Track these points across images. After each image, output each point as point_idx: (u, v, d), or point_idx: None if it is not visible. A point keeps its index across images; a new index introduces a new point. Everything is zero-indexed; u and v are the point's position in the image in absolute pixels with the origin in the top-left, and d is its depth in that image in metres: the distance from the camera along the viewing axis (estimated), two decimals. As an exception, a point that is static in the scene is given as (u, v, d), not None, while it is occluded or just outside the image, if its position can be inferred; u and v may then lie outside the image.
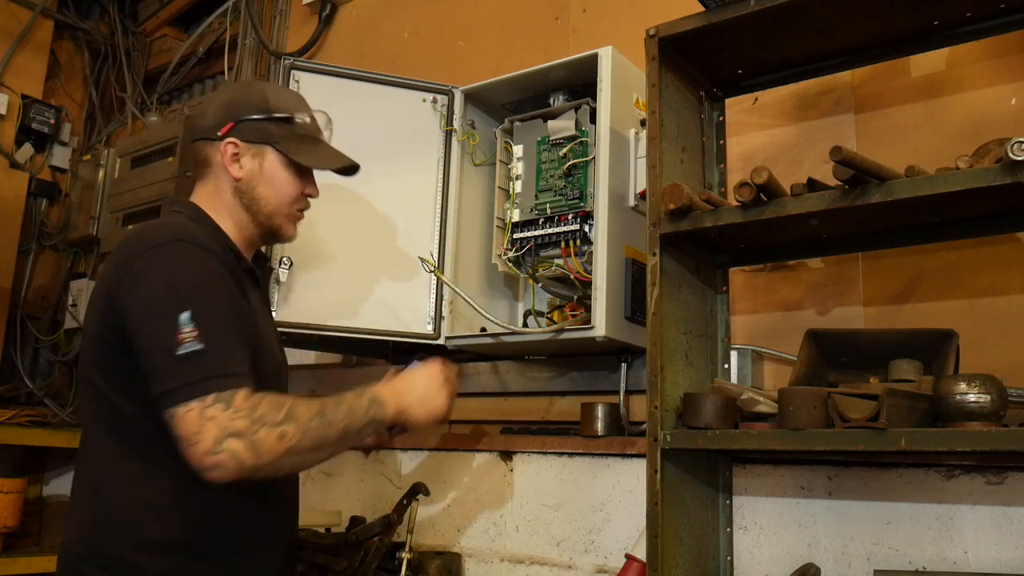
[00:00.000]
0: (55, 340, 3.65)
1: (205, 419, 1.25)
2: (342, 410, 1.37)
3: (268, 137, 1.54)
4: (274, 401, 1.31)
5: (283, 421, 1.29)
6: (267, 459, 1.28)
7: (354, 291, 2.06)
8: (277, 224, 1.56)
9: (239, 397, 1.28)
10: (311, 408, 1.34)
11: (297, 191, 1.57)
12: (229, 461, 1.25)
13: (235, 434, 1.26)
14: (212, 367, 1.29)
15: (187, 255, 1.37)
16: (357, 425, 1.39)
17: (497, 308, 2.17)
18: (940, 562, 1.56)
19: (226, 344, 1.32)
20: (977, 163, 1.32)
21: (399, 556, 1.97)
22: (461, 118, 2.15)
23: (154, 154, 3.36)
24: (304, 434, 1.31)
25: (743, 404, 1.52)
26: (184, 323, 1.29)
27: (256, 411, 1.28)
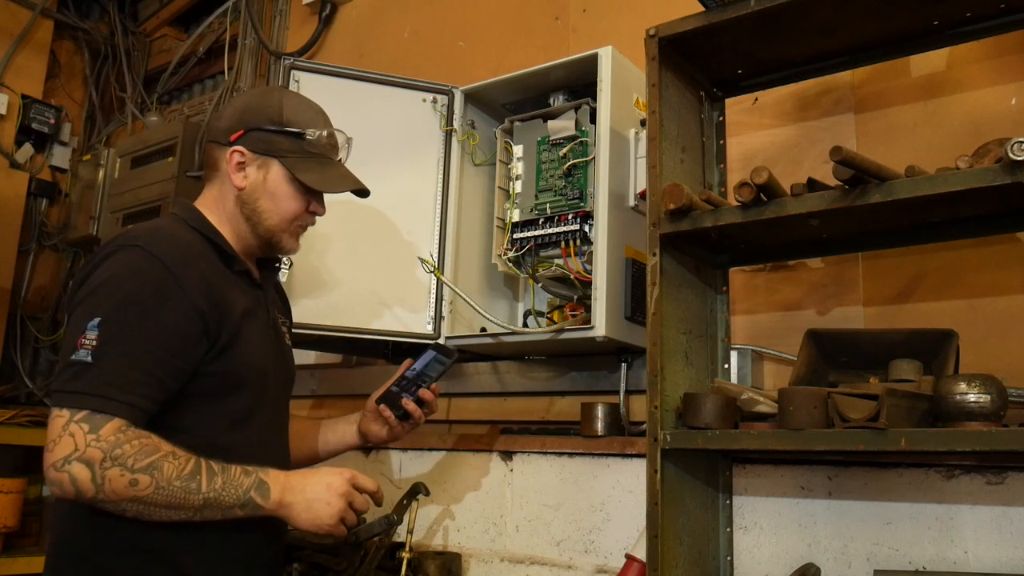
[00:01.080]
0: (55, 340, 3.65)
1: (66, 432, 1.25)
2: (217, 482, 1.31)
3: (275, 150, 1.52)
4: (145, 446, 1.27)
5: (142, 470, 1.26)
6: (109, 497, 1.26)
7: (354, 291, 2.06)
8: (277, 239, 1.55)
9: (109, 426, 1.26)
10: (181, 468, 1.29)
11: (300, 208, 1.54)
12: (67, 483, 1.25)
13: (84, 461, 1.24)
14: (90, 383, 1.27)
15: (133, 262, 1.35)
16: (228, 502, 1.32)
17: (497, 308, 2.17)
18: (940, 562, 1.56)
19: (118, 364, 1.29)
20: (977, 163, 1.32)
21: (399, 556, 1.97)
22: (461, 118, 2.15)
23: (154, 154, 3.36)
24: (158, 491, 1.27)
25: (743, 404, 1.52)
26: (90, 329, 1.29)
27: (117, 448, 1.25)
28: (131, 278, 1.34)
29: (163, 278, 1.35)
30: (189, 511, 1.30)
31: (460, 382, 2.32)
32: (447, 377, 2.32)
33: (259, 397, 1.48)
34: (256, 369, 1.47)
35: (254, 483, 1.35)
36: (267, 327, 1.56)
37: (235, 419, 1.44)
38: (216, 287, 1.42)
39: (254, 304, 1.53)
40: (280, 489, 1.37)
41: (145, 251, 1.36)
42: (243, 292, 1.50)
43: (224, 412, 1.43)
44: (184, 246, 1.42)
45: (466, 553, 2.18)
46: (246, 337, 1.45)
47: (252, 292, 1.54)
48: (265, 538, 1.50)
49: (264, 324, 1.55)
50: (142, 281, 1.34)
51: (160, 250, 1.37)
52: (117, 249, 1.38)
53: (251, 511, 1.35)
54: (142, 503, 1.27)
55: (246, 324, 1.46)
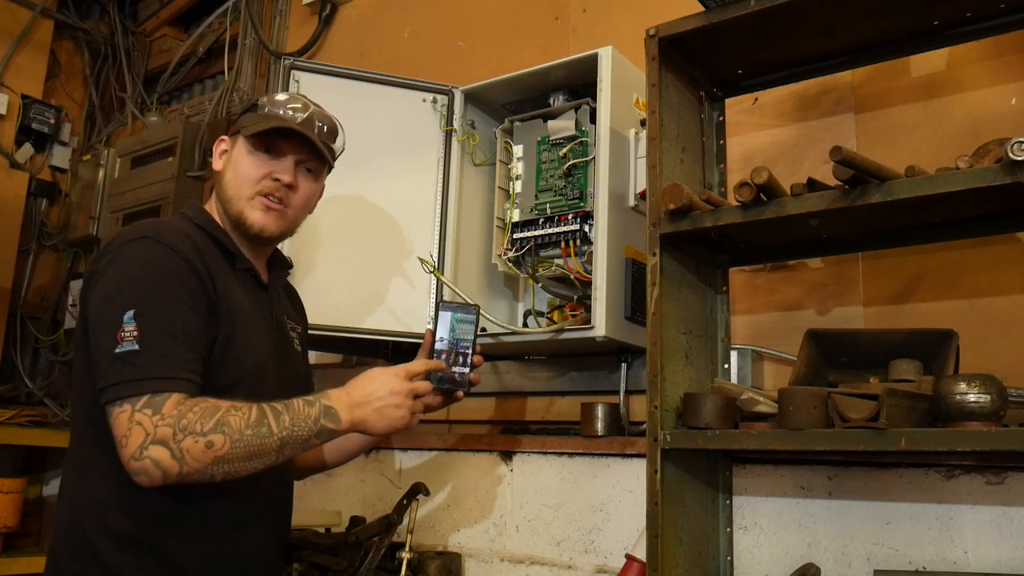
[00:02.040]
0: (55, 340, 3.65)
1: (133, 423, 1.27)
2: (285, 420, 1.33)
3: (239, 126, 1.56)
4: (206, 408, 1.29)
5: (212, 430, 1.27)
6: (194, 467, 1.27)
7: (354, 291, 2.06)
8: (237, 209, 1.51)
9: (169, 403, 1.28)
10: (247, 417, 1.31)
11: (255, 170, 1.51)
12: (152, 468, 1.26)
13: (159, 441, 1.26)
14: (145, 368, 1.29)
15: (146, 252, 1.38)
16: (302, 435, 1.35)
17: (497, 308, 2.17)
18: (940, 562, 1.56)
19: (166, 345, 1.31)
20: (977, 163, 1.32)
21: (399, 556, 1.97)
22: (461, 118, 2.15)
23: (154, 154, 3.37)
24: (235, 444, 1.28)
25: (743, 404, 1.52)
26: (127, 321, 1.30)
27: (183, 419, 1.27)
28: (150, 267, 1.37)
29: (177, 263, 1.38)
30: (271, 455, 1.32)
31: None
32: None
33: (257, 395, 1.47)
34: (251, 366, 1.46)
35: (321, 411, 1.37)
36: (269, 328, 1.55)
37: None
38: (218, 279, 1.44)
39: (255, 303, 1.53)
40: (348, 409, 1.39)
41: (155, 240, 1.39)
42: (244, 290, 1.51)
43: None
44: (187, 237, 1.45)
45: (466, 553, 2.19)
46: (242, 333, 1.45)
47: (255, 292, 1.54)
48: (266, 534, 1.51)
49: (265, 324, 1.54)
50: (160, 268, 1.37)
51: (168, 239, 1.40)
52: (126, 243, 1.40)
53: (327, 437, 1.39)
54: (224, 462, 1.28)
55: (242, 320, 1.46)
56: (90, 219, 3.50)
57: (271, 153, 1.53)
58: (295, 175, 1.54)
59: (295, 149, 1.54)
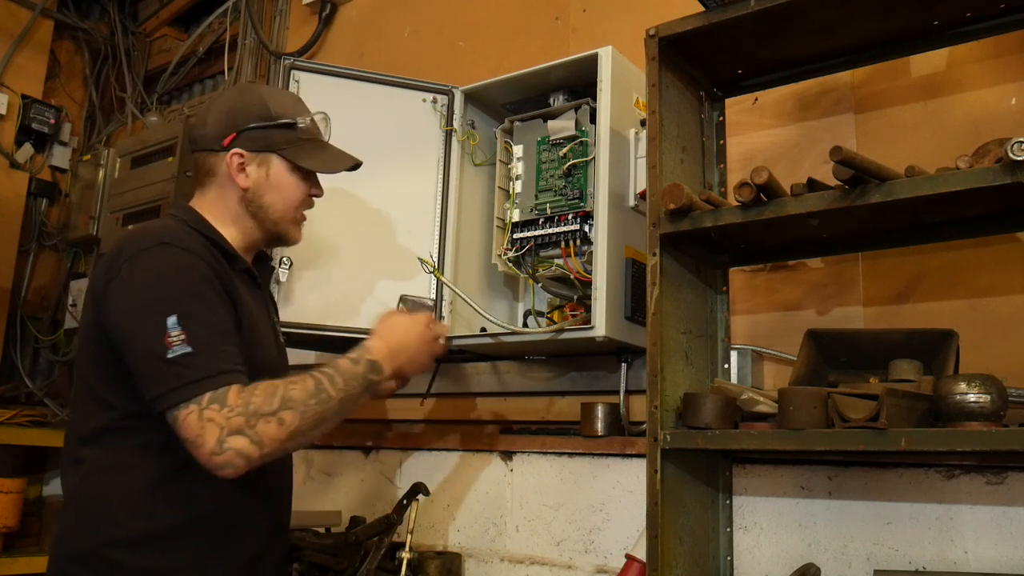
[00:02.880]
0: (55, 340, 3.65)
1: (205, 420, 1.28)
2: (339, 381, 1.40)
3: (272, 144, 1.54)
4: (267, 390, 1.33)
5: (279, 408, 1.32)
6: (272, 447, 1.31)
7: (354, 291, 2.06)
8: (283, 230, 1.58)
9: (231, 394, 1.30)
10: (306, 387, 1.36)
11: (303, 194, 1.59)
12: (236, 458, 1.28)
13: (235, 431, 1.28)
14: (203, 368, 1.30)
15: (170, 258, 1.38)
16: (356, 392, 1.42)
17: (497, 308, 2.17)
18: (940, 562, 1.56)
19: (214, 343, 1.34)
20: (977, 163, 1.32)
21: (399, 556, 1.97)
22: (461, 118, 2.15)
23: (154, 154, 3.36)
24: (304, 416, 1.34)
25: (743, 404, 1.52)
26: (172, 327, 1.31)
27: (250, 405, 1.30)
28: (178, 272, 1.38)
29: (200, 266, 1.40)
30: (332, 419, 1.39)
31: (460, 382, 2.32)
32: (446, 377, 2.33)
33: None
34: (262, 364, 1.48)
35: (367, 367, 1.45)
36: (268, 324, 1.58)
37: None
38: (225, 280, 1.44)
39: (256, 301, 1.55)
40: (389, 359, 1.49)
41: (175, 246, 1.40)
42: (247, 289, 1.52)
43: None
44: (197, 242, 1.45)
45: (466, 553, 2.19)
46: (252, 331, 1.47)
47: (253, 290, 1.56)
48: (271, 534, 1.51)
49: (265, 321, 1.57)
50: (188, 273, 1.38)
51: (185, 244, 1.41)
52: (143, 250, 1.39)
53: (375, 390, 1.48)
54: (297, 435, 1.34)
55: (250, 321, 1.48)
56: (90, 219, 3.49)
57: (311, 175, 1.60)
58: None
59: None
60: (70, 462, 1.44)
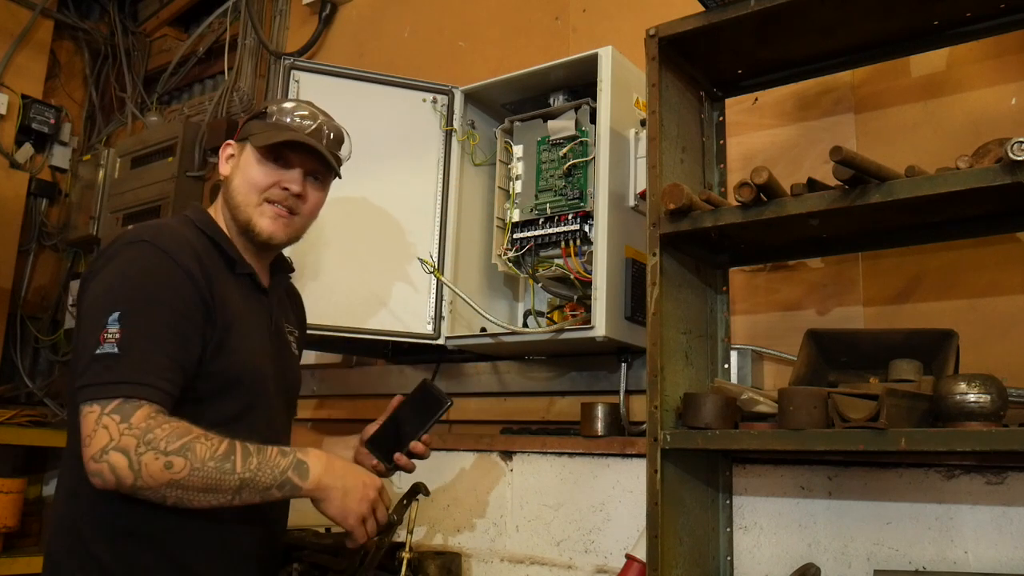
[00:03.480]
0: (55, 340, 3.65)
1: (100, 425, 1.27)
2: (252, 462, 1.31)
3: (247, 132, 1.56)
4: (176, 429, 1.28)
5: (175, 452, 1.26)
6: (148, 483, 1.26)
7: (354, 291, 2.06)
8: (246, 216, 1.53)
9: (140, 413, 1.27)
10: (214, 449, 1.29)
11: (263, 179, 1.53)
12: (108, 473, 1.26)
13: (121, 449, 1.26)
14: (120, 372, 1.29)
15: (142, 256, 1.38)
16: (264, 482, 1.32)
17: (497, 308, 2.17)
18: (940, 562, 1.56)
19: (146, 350, 1.31)
20: (977, 163, 1.32)
21: (399, 556, 1.96)
22: (461, 118, 2.15)
23: (154, 154, 3.37)
24: (193, 472, 1.27)
25: (743, 404, 1.52)
26: (111, 323, 1.31)
27: (149, 433, 1.26)
28: (141, 271, 1.37)
29: (170, 268, 1.38)
30: (227, 494, 1.30)
31: (460, 382, 2.32)
32: (446, 377, 2.32)
33: (253, 399, 1.48)
34: (249, 370, 1.47)
35: (291, 463, 1.35)
36: (267, 332, 1.56)
37: (231, 419, 1.44)
38: (215, 283, 1.44)
39: (254, 307, 1.53)
40: (321, 471, 1.37)
41: (151, 245, 1.39)
42: (242, 295, 1.51)
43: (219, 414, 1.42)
44: (187, 241, 1.45)
45: (466, 553, 2.18)
46: (239, 337, 1.45)
47: (254, 296, 1.55)
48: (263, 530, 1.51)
49: (263, 328, 1.55)
50: (152, 273, 1.37)
51: (165, 244, 1.40)
52: (124, 246, 1.41)
53: (289, 492, 1.35)
54: (179, 487, 1.27)
55: (240, 324, 1.46)
56: (90, 219, 3.50)
57: (280, 162, 1.54)
58: (304, 184, 1.56)
59: (304, 159, 1.56)
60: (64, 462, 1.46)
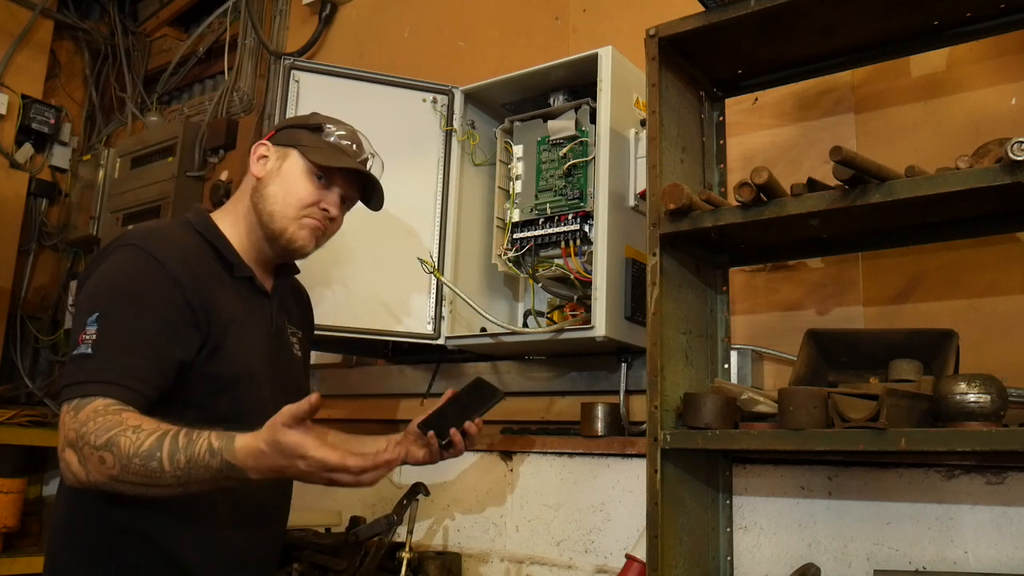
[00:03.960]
0: (55, 340, 3.65)
1: (62, 423, 1.28)
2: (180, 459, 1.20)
3: (296, 141, 1.56)
4: (106, 423, 1.23)
5: (103, 447, 1.22)
6: (96, 478, 1.23)
7: (354, 291, 2.06)
8: (281, 227, 1.51)
9: (88, 408, 1.25)
10: (139, 444, 1.21)
11: (308, 195, 1.53)
12: (65, 470, 1.27)
13: (69, 444, 1.26)
14: (91, 372, 1.29)
15: (127, 260, 1.39)
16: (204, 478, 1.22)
17: (497, 308, 2.17)
18: (940, 562, 1.56)
19: (117, 351, 1.31)
20: (977, 163, 1.32)
21: (399, 556, 1.97)
22: (461, 118, 2.15)
23: (154, 154, 3.37)
24: (124, 468, 1.21)
25: (743, 404, 1.52)
26: (89, 324, 1.32)
27: (84, 427, 1.23)
28: (126, 275, 1.38)
29: (156, 272, 1.38)
30: (172, 488, 1.22)
31: (460, 382, 2.32)
32: (446, 377, 2.32)
33: (251, 402, 1.46)
34: (244, 374, 1.46)
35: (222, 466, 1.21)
36: (265, 334, 1.54)
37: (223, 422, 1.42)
38: (207, 288, 1.43)
39: (252, 310, 1.52)
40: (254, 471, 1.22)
41: (140, 248, 1.40)
42: (239, 297, 1.50)
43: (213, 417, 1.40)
44: (178, 246, 1.44)
45: (466, 553, 2.18)
46: (235, 341, 1.44)
47: (252, 298, 1.54)
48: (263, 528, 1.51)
49: (263, 331, 1.54)
50: (136, 276, 1.38)
51: (153, 247, 1.40)
52: (114, 250, 1.42)
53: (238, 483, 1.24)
54: (120, 482, 1.22)
55: (236, 329, 1.45)
56: (90, 219, 3.50)
57: (323, 181, 1.55)
58: (340, 209, 1.59)
59: (345, 184, 1.58)
60: None
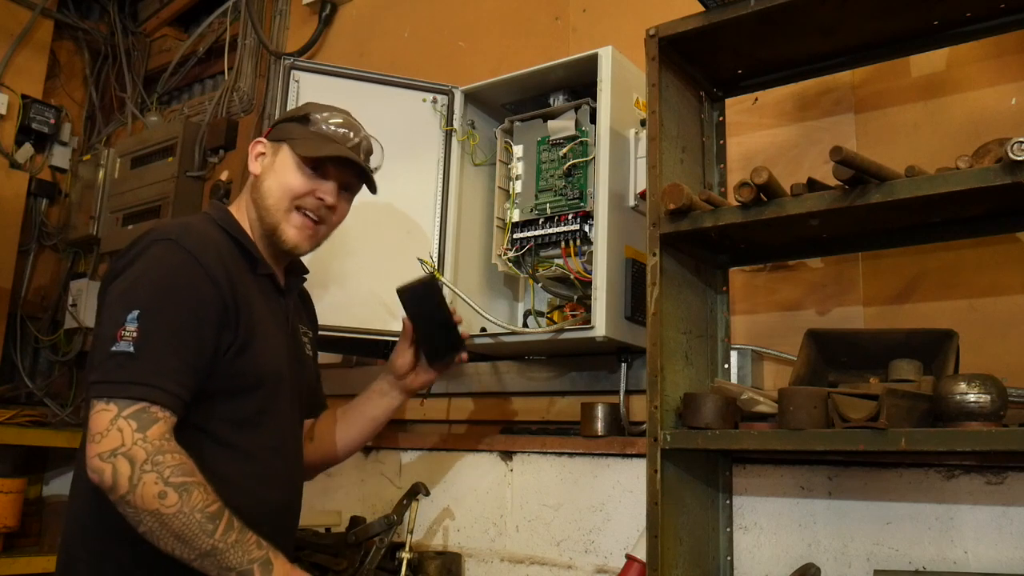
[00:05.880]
0: (55, 340, 3.65)
1: (115, 427, 1.26)
2: (231, 537, 1.27)
3: (287, 135, 1.57)
4: (184, 464, 1.27)
5: (175, 486, 1.25)
6: (137, 502, 1.25)
7: (354, 291, 2.06)
8: (275, 221, 1.54)
9: (156, 429, 1.27)
10: (208, 503, 1.27)
11: (300, 186, 1.54)
12: (108, 475, 1.25)
13: (129, 457, 1.25)
14: (134, 373, 1.28)
15: (165, 255, 1.38)
16: (231, 561, 1.28)
17: (497, 308, 2.17)
18: (940, 562, 1.56)
19: (161, 353, 1.31)
20: (977, 163, 1.32)
21: (399, 556, 1.97)
22: (461, 118, 2.15)
23: (154, 154, 3.37)
24: (180, 514, 1.25)
25: (743, 404, 1.52)
26: (129, 321, 1.31)
27: (160, 455, 1.25)
28: (165, 271, 1.37)
29: (194, 270, 1.38)
30: (194, 551, 1.27)
31: (460, 382, 2.32)
32: (447, 377, 2.33)
33: (272, 401, 1.48)
34: (270, 372, 1.47)
35: (263, 558, 1.30)
36: (286, 334, 1.56)
37: (246, 420, 1.44)
38: (239, 286, 1.44)
39: (274, 309, 1.54)
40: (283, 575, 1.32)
41: (177, 244, 1.39)
42: (264, 296, 1.51)
43: (235, 413, 1.43)
44: (212, 242, 1.45)
45: (466, 553, 2.18)
46: (262, 339, 1.45)
47: (274, 297, 1.55)
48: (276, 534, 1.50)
49: (283, 330, 1.55)
50: (175, 273, 1.37)
51: (190, 243, 1.40)
52: (151, 244, 1.40)
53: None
54: (160, 520, 1.25)
55: (262, 327, 1.46)
56: (90, 219, 3.50)
57: (318, 171, 1.55)
58: (337, 196, 1.58)
59: (340, 172, 1.58)
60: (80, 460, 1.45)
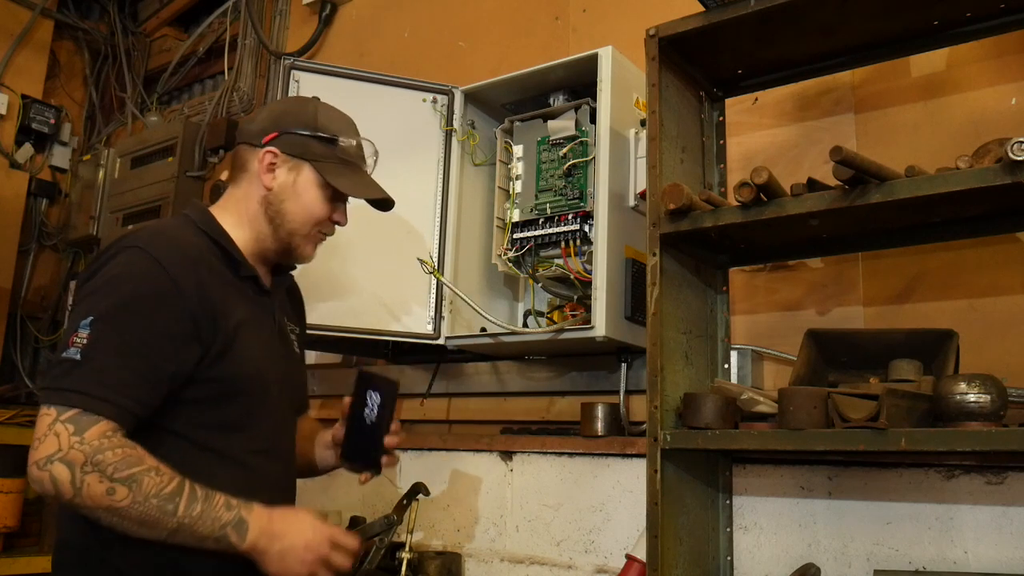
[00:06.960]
0: (55, 340, 3.65)
1: (52, 432, 1.26)
2: (195, 509, 1.27)
3: (308, 153, 1.53)
4: (129, 456, 1.25)
5: (121, 480, 1.24)
6: (86, 502, 1.24)
7: (354, 291, 2.06)
8: (296, 243, 1.54)
9: (95, 429, 1.25)
10: (162, 486, 1.26)
11: (324, 213, 1.55)
12: (47, 483, 1.25)
13: (66, 462, 1.24)
14: (76, 381, 1.27)
15: (130, 264, 1.35)
16: (202, 532, 1.28)
17: (497, 308, 2.17)
18: (940, 562, 1.56)
19: (108, 363, 1.28)
20: (977, 163, 1.32)
21: (399, 556, 1.97)
22: (461, 118, 2.15)
23: (154, 154, 3.37)
24: (134, 505, 1.24)
25: (743, 404, 1.52)
26: (82, 327, 1.29)
27: (99, 454, 1.24)
28: (127, 279, 1.34)
29: (159, 279, 1.35)
30: (161, 532, 1.27)
31: (460, 382, 2.32)
32: (446, 377, 2.33)
33: (259, 405, 1.47)
34: (254, 377, 1.45)
35: (234, 519, 1.31)
36: (271, 334, 1.55)
37: (232, 425, 1.43)
38: (213, 292, 1.41)
39: (258, 311, 1.52)
40: (258, 533, 1.33)
41: (144, 252, 1.36)
42: (245, 299, 1.49)
43: (219, 418, 1.42)
44: (184, 249, 1.42)
45: (466, 553, 2.18)
46: (243, 345, 1.43)
47: (256, 298, 1.53)
48: None
49: (268, 331, 1.54)
50: (138, 282, 1.34)
51: (159, 252, 1.37)
52: (118, 251, 1.38)
53: (224, 547, 1.31)
54: (116, 514, 1.25)
55: (244, 331, 1.44)
56: (90, 219, 3.50)
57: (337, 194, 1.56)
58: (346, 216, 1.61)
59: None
60: None
